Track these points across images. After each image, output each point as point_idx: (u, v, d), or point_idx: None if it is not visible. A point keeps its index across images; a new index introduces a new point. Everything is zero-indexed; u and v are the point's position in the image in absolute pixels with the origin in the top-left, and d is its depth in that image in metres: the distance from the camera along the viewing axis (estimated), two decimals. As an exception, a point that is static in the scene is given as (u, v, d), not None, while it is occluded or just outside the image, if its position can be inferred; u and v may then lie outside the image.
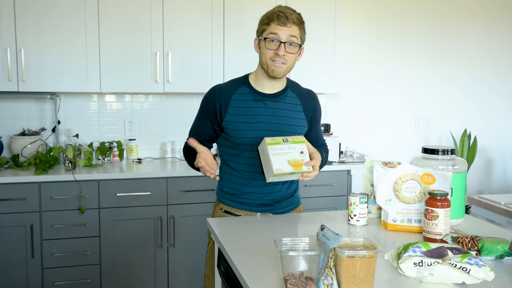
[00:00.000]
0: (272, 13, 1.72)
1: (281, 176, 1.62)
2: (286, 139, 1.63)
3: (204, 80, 3.08)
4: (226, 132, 1.79)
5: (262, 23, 1.74)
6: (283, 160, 1.61)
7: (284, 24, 1.69)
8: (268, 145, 1.62)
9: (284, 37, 1.69)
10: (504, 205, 2.35)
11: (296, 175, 1.64)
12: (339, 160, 3.29)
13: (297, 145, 1.64)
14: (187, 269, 2.94)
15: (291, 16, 1.70)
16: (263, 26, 1.73)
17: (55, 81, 2.89)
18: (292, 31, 1.70)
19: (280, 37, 1.69)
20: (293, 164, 1.61)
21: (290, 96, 1.83)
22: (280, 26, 1.69)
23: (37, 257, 2.70)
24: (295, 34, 1.71)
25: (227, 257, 1.43)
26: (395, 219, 1.65)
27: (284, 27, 1.69)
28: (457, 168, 1.70)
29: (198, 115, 1.86)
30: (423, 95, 3.96)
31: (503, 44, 4.11)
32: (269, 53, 1.71)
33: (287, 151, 1.62)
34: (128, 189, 2.80)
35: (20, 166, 2.89)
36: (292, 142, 1.64)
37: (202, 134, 1.84)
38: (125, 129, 3.35)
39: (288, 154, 1.61)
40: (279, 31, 1.69)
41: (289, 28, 1.69)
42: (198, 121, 1.85)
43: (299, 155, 1.62)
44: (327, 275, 1.08)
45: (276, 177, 1.63)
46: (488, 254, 1.35)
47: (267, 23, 1.72)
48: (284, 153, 1.61)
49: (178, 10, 3.03)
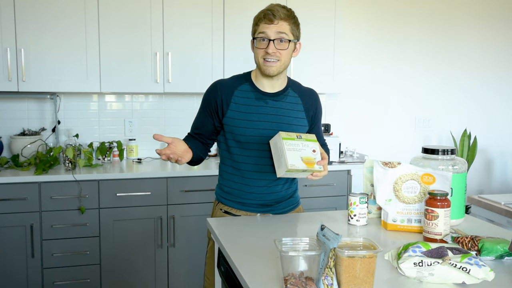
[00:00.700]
0: (260, 13, 1.73)
1: (293, 173, 1.59)
2: (300, 135, 1.61)
3: (204, 80, 3.08)
4: (226, 129, 1.78)
5: (253, 24, 1.76)
6: (297, 156, 1.58)
7: (271, 22, 1.69)
8: (283, 140, 1.59)
9: (272, 34, 1.70)
10: (504, 205, 2.35)
11: (307, 173, 1.62)
12: (339, 160, 3.29)
13: (310, 143, 1.63)
14: (187, 269, 2.94)
15: (278, 12, 1.69)
16: (254, 27, 1.75)
17: (55, 81, 2.89)
18: (280, 28, 1.70)
19: (268, 35, 1.70)
20: (306, 161, 1.59)
21: (291, 96, 1.83)
22: (268, 24, 1.70)
23: (37, 257, 2.70)
24: (284, 30, 1.71)
25: (227, 257, 1.43)
26: (395, 219, 1.65)
27: (272, 24, 1.69)
28: (457, 168, 1.70)
29: (199, 110, 1.86)
30: (423, 95, 3.96)
31: (503, 44, 4.11)
32: (260, 53, 1.72)
33: (300, 148, 1.60)
34: (128, 189, 2.80)
35: (20, 166, 2.89)
36: (305, 140, 1.62)
37: (202, 130, 1.84)
38: (125, 129, 3.35)
39: (302, 151, 1.59)
40: (267, 29, 1.70)
41: (277, 25, 1.69)
42: (199, 117, 1.85)
43: (312, 153, 1.61)
44: (327, 275, 1.08)
45: (288, 173, 1.59)
46: (488, 254, 1.35)
47: (256, 23, 1.74)
48: (298, 149, 1.59)
49: (178, 10, 3.03)
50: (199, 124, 1.85)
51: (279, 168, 1.61)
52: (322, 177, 1.65)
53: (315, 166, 1.60)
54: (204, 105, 1.83)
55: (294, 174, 1.60)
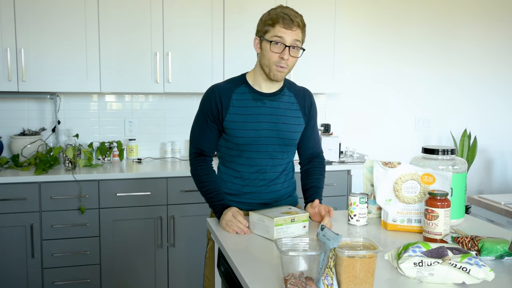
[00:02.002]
0: (276, 14, 1.67)
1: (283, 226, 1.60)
2: (293, 219, 1.59)
3: (204, 80, 3.08)
4: (226, 132, 1.78)
5: (266, 24, 1.69)
6: (284, 232, 1.58)
7: (290, 28, 1.66)
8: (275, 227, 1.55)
9: (289, 40, 1.67)
10: (504, 205, 2.35)
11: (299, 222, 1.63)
12: (339, 160, 3.29)
13: (301, 223, 1.61)
14: (187, 269, 2.94)
15: (296, 19, 1.67)
16: (267, 27, 1.69)
17: (55, 81, 2.89)
18: (297, 35, 1.68)
19: (285, 40, 1.66)
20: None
21: (287, 95, 1.83)
22: (286, 29, 1.66)
23: (37, 257, 2.70)
24: (299, 38, 1.69)
25: (227, 257, 1.43)
26: (395, 219, 1.65)
27: (290, 30, 1.66)
28: (457, 168, 1.70)
29: (199, 121, 1.80)
30: (423, 95, 3.96)
31: (503, 44, 4.11)
32: (274, 57, 1.68)
33: (290, 230, 1.58)
34: (128, 189, 2.80)
35: (20, 166, 2.89)
36: (297, 222, 1.60)
37: (207, 144, 1.80)
38: (125, 129, 3.35)
39: (290, 228, 1.58)
40: (284, 34, 1.66)
41: (294, 31, 1.67)
42: (201, 129, 1.79)
43: (301, 230, 1.61)
44: (327, 275, 1.08)
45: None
46: (488, 254, 1.35)
47: (271, 24, 1.67)
48: (286, 229, 1.57)
49: (178, 10, 3.03)
50: (203, 140, 1.79)
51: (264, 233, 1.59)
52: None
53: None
54: (205, 113, 1.77)
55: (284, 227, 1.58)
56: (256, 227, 1.60)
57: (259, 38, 1.73)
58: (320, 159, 1.95)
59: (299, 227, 1.59)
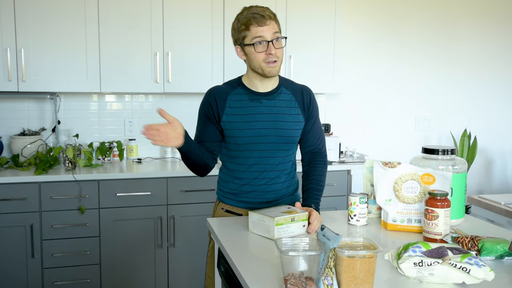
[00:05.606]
0: (246, 17, 1.70)
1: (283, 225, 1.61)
2: (293, 218, 1.60)
3: (204, 80, 3.08)
4: (224, 132, 1.79)
5: (240, 30, 1.72)
6: (284, 231, 1.59)
7: (264, 24, 1.68)
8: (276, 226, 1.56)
9: (269, 35, 1.69)
10: (504, 205, 2.35)
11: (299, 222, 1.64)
12: (339, 160, 3.29)
13: (300, 222, 1.62)
14: (187, 269, 2.94)
15: (265, 13, 1.69)
16: (242, 32, 1.71)
17: (55, 81, 2.89)
18: (273, 27, 1.70)
19: (265, 37, 1.69)
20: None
21: (284, 93, 1.84)
22: (261, 26, 1.68)
23: (37, 257, 2.70)
24: (277, 29, 1.72)
25: (227, 257, 1.43)
26: (395, 219, 1.65)
27: (265, 26, 1.68)
28: (457, 168, 1.70)
29: (199, 121, 1.83)
30: (423, 95, 3.96)
31: (503, 44, 4.11)
32: (261, 56, 1.71)
33: (290, 229, 1.59)
34: (128, 189, 2.80)
35: (20, 166, 2.89)
36: (296, 221, 1.61)
37: (207, 138, 1.80)
38: (125, 129, 3.35)
39: (290, 228, 1.59)
40: (262, 32, 1.68)
41: (270, 25, 1.69)
42: (200, 126, 1.83)
43: (301, 229, 1.61)
44: (327, 275, 1.08)
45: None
46: (488, 254, 1.35)
47: (245, 29, 1.70)
48: (286, 229, 1.58)
49: (178, 10, 3.03)
50: (203, 134, 1.81)
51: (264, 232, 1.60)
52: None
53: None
54: (203, 114, 1.81)
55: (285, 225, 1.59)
56: (256, 226, 1.61)
57: (240, 46, 1.76)
58: (321, 157, 1.93)
59: (299, 226, 1.60)
